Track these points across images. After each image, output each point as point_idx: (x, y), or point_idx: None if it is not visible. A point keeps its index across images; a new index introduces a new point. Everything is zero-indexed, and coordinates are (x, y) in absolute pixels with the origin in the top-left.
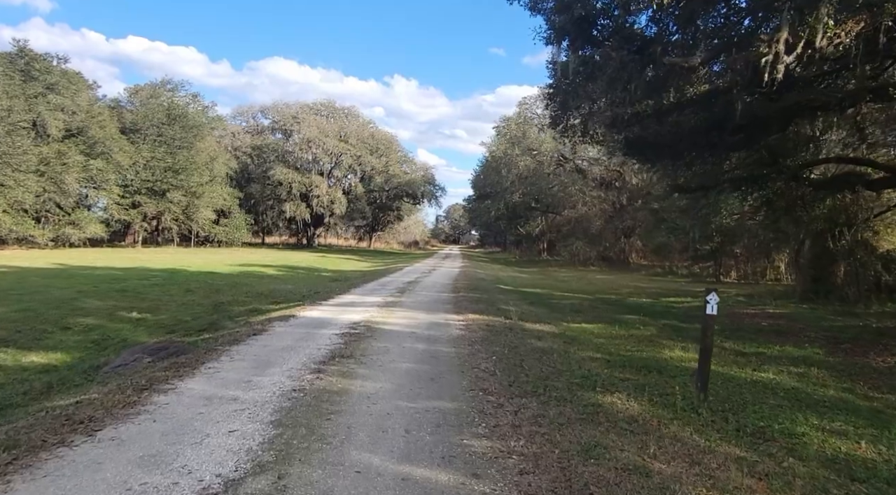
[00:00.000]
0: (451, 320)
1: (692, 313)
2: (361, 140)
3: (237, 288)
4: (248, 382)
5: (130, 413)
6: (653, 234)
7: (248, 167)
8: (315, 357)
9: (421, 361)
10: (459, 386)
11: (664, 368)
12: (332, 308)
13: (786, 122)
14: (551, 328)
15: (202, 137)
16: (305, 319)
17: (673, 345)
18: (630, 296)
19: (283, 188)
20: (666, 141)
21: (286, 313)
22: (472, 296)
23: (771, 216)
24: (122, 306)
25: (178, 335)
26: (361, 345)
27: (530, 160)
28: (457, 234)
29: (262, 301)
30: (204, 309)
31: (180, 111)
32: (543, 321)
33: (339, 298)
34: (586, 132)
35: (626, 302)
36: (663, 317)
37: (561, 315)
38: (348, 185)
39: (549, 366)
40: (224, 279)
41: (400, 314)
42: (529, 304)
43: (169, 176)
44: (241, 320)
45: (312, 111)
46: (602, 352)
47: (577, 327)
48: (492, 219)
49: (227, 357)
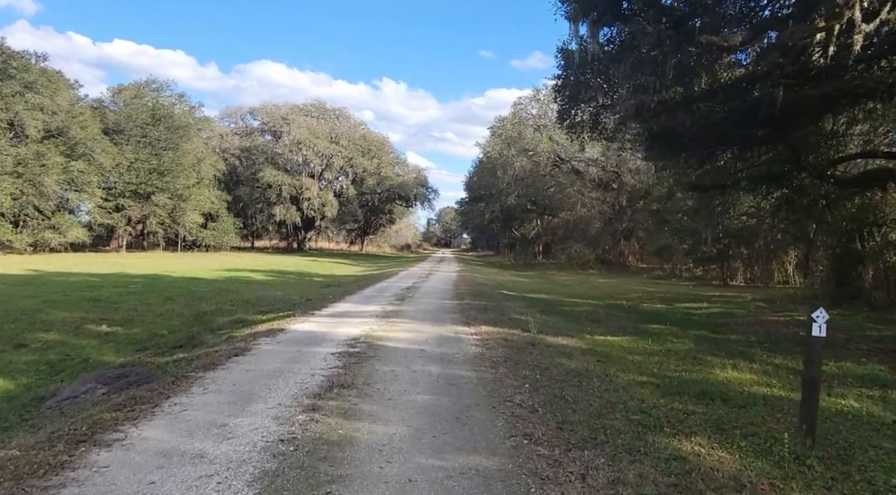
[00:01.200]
0: (462, 334)
1: (716, 321)
2: (353, 141)
3: (222, 295)
4: (221, 427)
5: (51, 485)
6: (655, 236)
7: (236, 169)
8: (308, 386)
9: (439, 391)
10: (494, 428)
11: (727, 396)
12: (325, 319)
13: (821, 113)
14: (576, 342)
15: (188, 138)
16: (296, 334)
17: (720, 363)
18: (641, 301)
19: (273, 191)
20: (693, 133)
21: (274, 326)
22: (478, 304)
23: (791, 216)
24: (91, 318)
25: (149, 353)
26: (364, 368)
27: (526, 161)
28: (448, 238)
29: (248, 310)
30: (183, 320)
31: (165, 111)
32: (564, 333)
33: (334, 307)
34: (595, 127)
35: (640, 309)
36: (688, 326)
37: (579, 325)
38: (339, 188)
39: (595, 395)
40: (209, 286)
41: (403, 326)
42: (541, 313)
43: (154, 178)
44: (223, 334)
45: (302, 112)
46: (646, 373)
47: (603, 341)
48: (485, 222)
49: (200, 387)
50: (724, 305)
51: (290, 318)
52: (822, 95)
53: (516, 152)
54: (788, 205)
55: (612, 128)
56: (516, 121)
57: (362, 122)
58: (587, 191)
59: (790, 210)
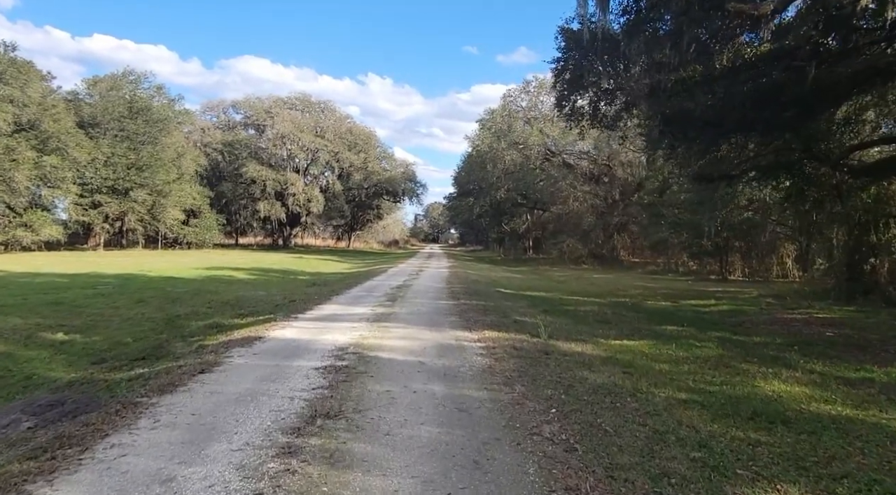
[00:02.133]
0: (464, 341)
1: (731, 320)
2: (339, 135)
3: (199, 296)
4: (165, 484)
5: None
6: (650, 230)
7: (219, 164)
8: (285, 416)
9: (447, 420)
10: (525, 479)
11: (787, 417)
12: (310, 323)
13: (847, 94)
14: (592, 349)
15: (168, 132)
16: (275, 343)
17: (759, 372)
18: (644, 298)
19: (257, 186)
20: (710, 116)
21: (251, 333)
22: (475, 305)
23: (802, 207)
24: (48, 325)
25: (104, 367)
26: (353, 389)
27: (517, 154)
28: (436, 233)
29: (226, 313)
30: (153, 325)
31: (143, 104)
32: (576, 338)
33: (319, 309)
34: (595, 115)
35: (645, 306)
36: (704, 326)
37: (589, 328)
38: (325, 183)
39: (637, 421)
40: (186, 285)
41: (397, 332)
42: (545, 313)
43: (132, 173)
44: (194, 341)
45: (287, 105)
46: (683, 388)
47: (621, 346)
48: (474, 217)
49: (150, 418)
50: (732, 302)
51: (271, 323)
52: (852, 74)
53: (506, 145)
54: (798, 196)
55: (612, 115)
56: (506, 113)
57: (348, 115)
58: (579, 185)
59: (800, 201)
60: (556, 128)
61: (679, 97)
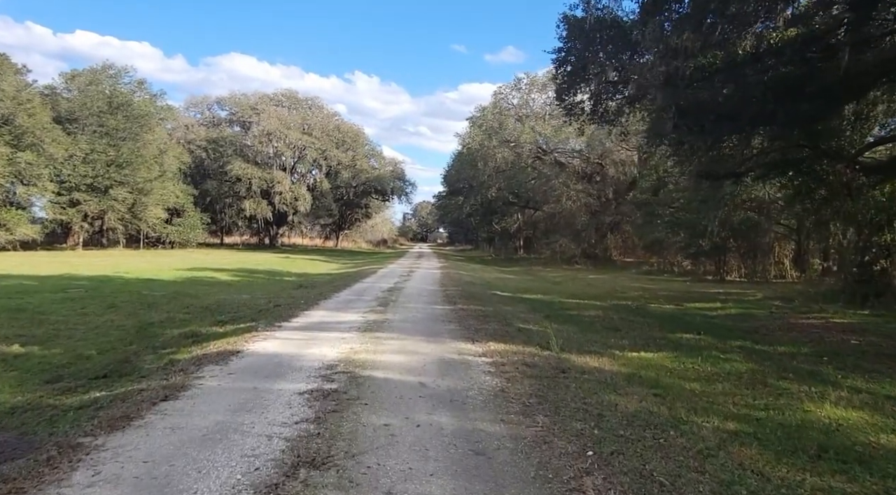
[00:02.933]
0: (468, 354)
1: (744, 326)
2: (326, 133)
3: (177, 300)
4: None
5: None
6: (645, 230)
7: (203, 162)
8: (260, 465)
9: (462, 470)
10: None
11: (859, 454)
12: (295, 333)
13: (872, 85)
14: (610, 363)
15: (150, 128)
16: (255, 358)
17: (802, 393)
18: (647, 301)
19: (242, 184)
20: (728, 108)
21: (228, 346)
22: (474, 310)
23: (810, 206)
24: (3, 335)
25: (58, 388)
26: (345, 423)
27: (508, 152)
28: (424, 232)
29: (204, 320)
30: (122, 335)
31: (124, 99)
32: (589, 350)
33: (306, 316)
34: (596, 109)
35: (650, 310)
36: (720, 333)
37: (598, 336)
38: (313, 181)
39: (694, 468)
40: (165, 288)
41: (392, 344)
42: (546, 318)
43: (112, 170)
44: (166, 354)
45: (273, 102)
46: (727, 416)
47: (639, 360)
48: (463, 216)
49: (89, 468)
50: (739, 305)
51: (252, 333)
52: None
53: (498, 143)
54: (807, 194)
55: (613, 110)
56: (497, 111)
57: (336, 112)
58: (572, 183)
59: (808, 199)
60: (549, 126)
61: (697, 86)
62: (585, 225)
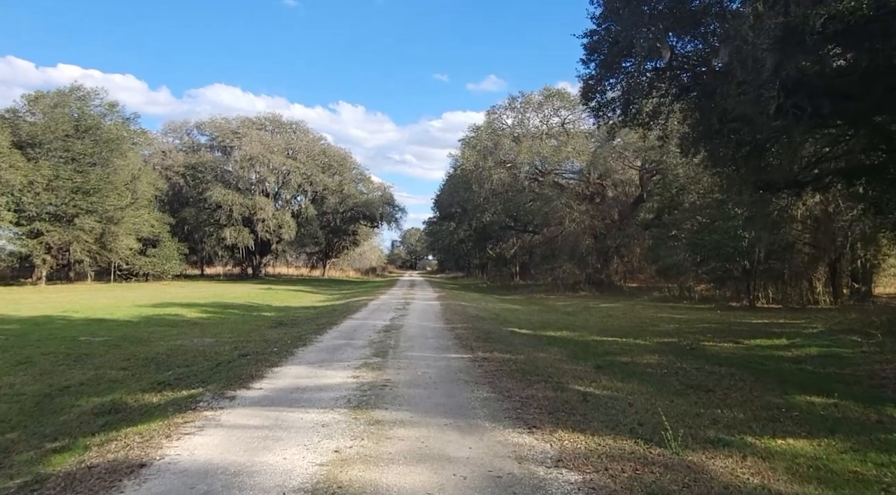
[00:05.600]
0: (533, 462)
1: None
2: (312, 157)
3: (119, 349)
4: None
5: None
6: (660, 253)
7: (181, 189)
8: None
9: None
10: None
11: None
12: (251, 414)
13: None
14: (764, 473)
15: (122, 153)
16: (169, 481)
17: None
18: (696, 339)
19: (223, 211)
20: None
21: (134, 450)
22: (500, 360)
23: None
24: None
25: None
26: None
27: (505, 173)
28: (413, 260)
29: (140, 380)
30: (10, 410)
31: (92, 122)
32: (704, 436)
33: (274, 375)
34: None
35: (709, 352)
36: (848, 392)
37: (690, 403)
38: (298, 207)
39: None
40: (112, 331)
41: (403, 439)
42: (597, 369)
43: (78, 198)
44: (37, 462)
45: (256, 126)
46: None
47: (794, 455)
48: (455, 242)
49: None
50: (808, 341)
51: (188, 415)
52: None
53: (493, 164)
54: (889, 206)
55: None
56: (491, 131)
57: (322, 136)
58: (575, 204)
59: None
60: (547, 146)
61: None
62: (590, 249)
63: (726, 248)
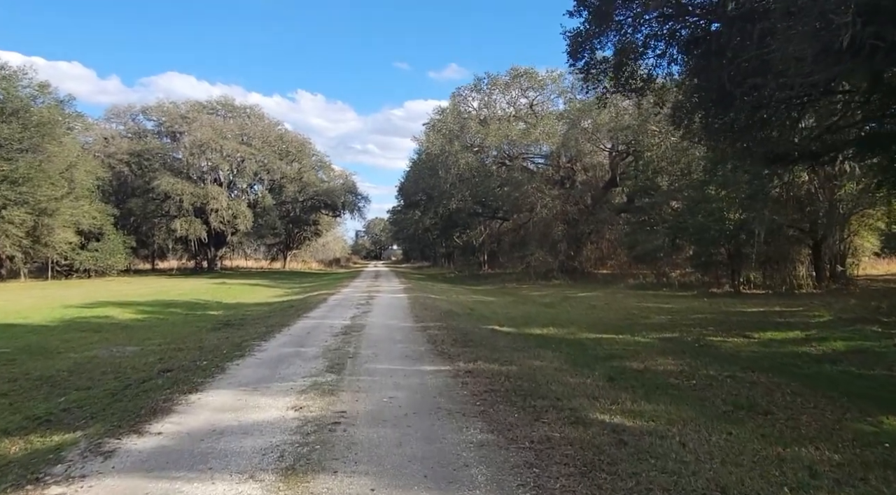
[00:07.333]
0: None
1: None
2: (268, 143)
3: (11, 366)
4: None
5: None
6: (639, 238)
7: (126, 178)
8: None
9: None
10: None
11: None
12: (123, 493)
13: None
14: None
15: (55, 139)
16: None
17: None
18: (701, 332)
19: (172, 202)
20: None
21: None
22: (488, 372)
23: None
24: None
25: None
26: None
27: (472, 157)
28: (378, 250)
29: (15, 414)
30: None
31: (20, 104)
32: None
33: (190, 407)
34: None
35: (721, 350)
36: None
37: (742, 432)
38: (255, 197)
39: None
40: (17, 339)
41: None
42: (609, 381)
43: (4, 188)
44: None
45: (206, 110)
46: None
47: None
48: (421, 230)
49: None
50: (823, 332)
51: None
52: None
53: (460, 148)
54: None
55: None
56: (456, 113)
57: (279, 121)
58: (547, 189)
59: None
60: (515, 129)
61: None
62: (562, 235)
63: (710, 232)
